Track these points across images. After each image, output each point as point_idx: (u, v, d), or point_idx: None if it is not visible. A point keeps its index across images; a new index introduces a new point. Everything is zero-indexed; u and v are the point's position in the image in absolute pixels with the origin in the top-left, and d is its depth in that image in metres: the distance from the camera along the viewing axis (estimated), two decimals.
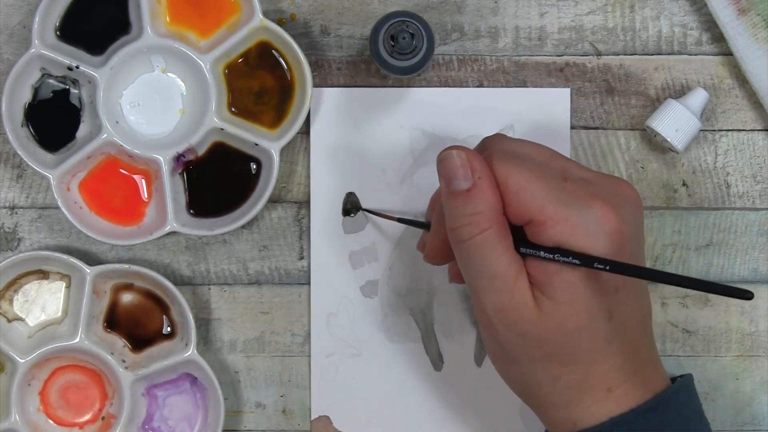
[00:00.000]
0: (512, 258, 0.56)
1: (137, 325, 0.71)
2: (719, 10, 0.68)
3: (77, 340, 0.69)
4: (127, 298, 0.71)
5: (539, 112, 0.70)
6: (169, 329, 0.71)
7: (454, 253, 0.58)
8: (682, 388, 0.59)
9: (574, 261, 0.54)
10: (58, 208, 0.69)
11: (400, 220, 0.69)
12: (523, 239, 0.56)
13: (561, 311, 0.55)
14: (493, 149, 0.58)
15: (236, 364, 0.71)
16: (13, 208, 0.71)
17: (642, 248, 0.60)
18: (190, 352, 0.69)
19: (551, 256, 0.55)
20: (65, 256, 0.69)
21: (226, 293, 0.71)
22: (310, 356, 0.71)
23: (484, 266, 0.56)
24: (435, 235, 0.61)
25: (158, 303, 0.71)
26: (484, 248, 0.56)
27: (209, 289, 0.71)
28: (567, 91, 0.70)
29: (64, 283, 0.71)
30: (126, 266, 0.69)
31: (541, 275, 0.56)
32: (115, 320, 0.71)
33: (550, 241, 0.55)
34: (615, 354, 0.57)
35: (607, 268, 0.54)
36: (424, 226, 0.66)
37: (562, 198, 0.55)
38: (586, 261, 0.54)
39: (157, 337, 0.71)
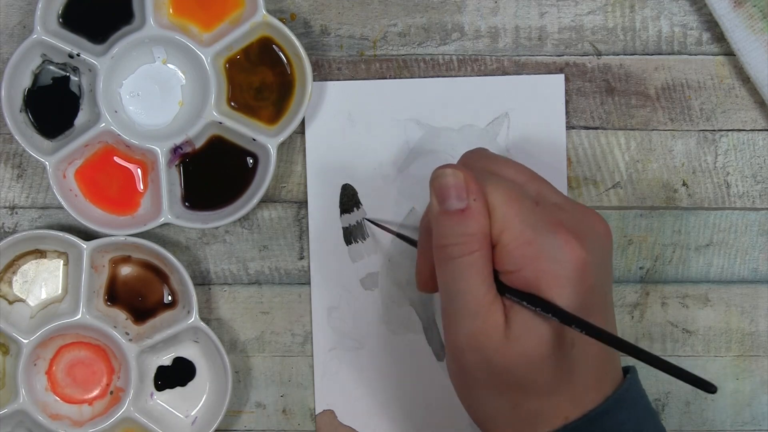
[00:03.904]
0: (491, 285, 0.57)
1: (138, 296, 0.71)
2: (715, 3, 0.68)
3: (79, 316, 0.69)
4: (125, 270, 0.71)
5: (534, 99, 0.70)
6: (170, 298, 0.71)
7: (436, 270, 0.58)
8: (631, 387, 0.59)
9: (539, 311, 0.55)
10: (58, 208, 0.69)
11: (399, 236, 0.69)
12: (498, 281, 0.57)
13: (526, 341, 0.56)
14: (475, 167, 0.59)
15: (236, 364, 0.71)
16: (13, 208, 0.71)
17: (609, 284, 0.60)
18: (192, 319, 0.69)
19: (519, 300, 0.56)
20: (60, 233, 0.69)
21: (226, 293, 0.71)
22: (311, 356, 0.71)
23: (465, 288, 0.56)
24: (421, 257, 0.61)
25: (157, 273, 0.71)
26: (471, 270, 0.56)
27: (209, 289, 0.71)
28: (561, 77, 0.70)
29: (62, 261, 0.71)
30: (122, 238, 0.69)
31: (510, 304, 0.56)
32: (115, 294, 0.71)
33: (514, 264, 0.56)
34: (575, 383, 0.57)
35: (573, 326, 0.55)
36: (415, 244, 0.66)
37: (529, 221, 0.56)
38: (553, 312, 0.55)
39: (159, 307, 0.71)
